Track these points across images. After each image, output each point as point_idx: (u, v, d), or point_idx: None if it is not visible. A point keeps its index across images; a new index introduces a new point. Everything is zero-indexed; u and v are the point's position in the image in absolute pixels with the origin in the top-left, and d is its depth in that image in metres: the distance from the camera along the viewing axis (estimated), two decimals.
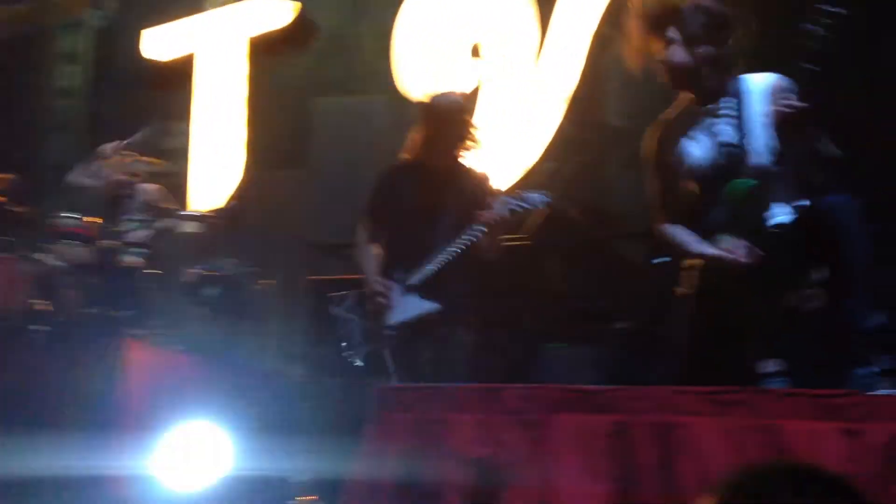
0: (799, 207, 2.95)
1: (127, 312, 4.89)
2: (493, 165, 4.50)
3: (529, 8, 5.94)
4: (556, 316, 4.64)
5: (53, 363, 4.36)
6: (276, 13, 6.79)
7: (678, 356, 3.12)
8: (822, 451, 2.42)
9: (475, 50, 6.04)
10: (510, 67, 5.87)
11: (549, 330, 4.54)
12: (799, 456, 2.40)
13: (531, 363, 4.40)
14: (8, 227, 5.02)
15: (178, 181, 6.65)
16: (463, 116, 3.91)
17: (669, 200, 3.16)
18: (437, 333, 3.62)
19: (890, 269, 4.07)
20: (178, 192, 6.46)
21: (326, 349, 5.14)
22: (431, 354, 3.63)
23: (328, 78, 6.74)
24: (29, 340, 4.61)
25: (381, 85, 6.48)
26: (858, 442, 2.44)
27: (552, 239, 4.78)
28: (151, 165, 5.43)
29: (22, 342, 4.62)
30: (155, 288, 5.16)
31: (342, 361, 5.05)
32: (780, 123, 2.82)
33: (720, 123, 3.08)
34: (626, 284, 4.64)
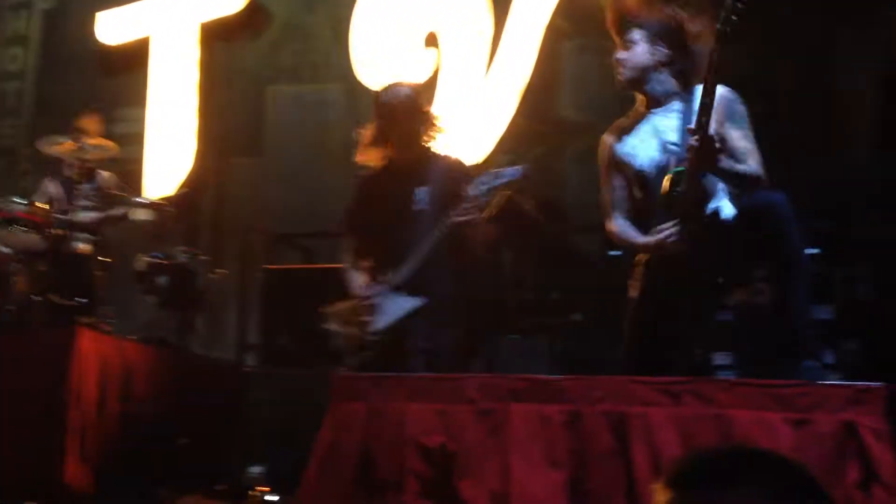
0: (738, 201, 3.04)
1: (77, 300, 4.82)
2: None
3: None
4: (510, 307, 4.67)
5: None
6: None
7: (628, 348, 3.17)
8: (770, 440, 2.48)
9: (430, 39, 6.04)
10: (464, 58, 5.88)
11: (503, 321, 4.57)
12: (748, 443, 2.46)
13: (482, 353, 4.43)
14: None
15: (132, 167, 6.57)
16: (416, 106, 3.83)
17: (619, 200, 3.25)
18: (423, 330, 3.55)
19: (834, 266, 4.20)
20: (131, 178, 6.38)
21: (280, 339, 5.13)
22: (420, 351, 3.54)
23: (283, 66, 6.70)
24: None
25: (336, 74, 6.46)
26: (806, 431, 2.51)
27: (506, 231, 4.80)
28: (104, 150, 5.34)
29: None
30: (105, 275, 5.10)
31: (296, 352, 5.04)
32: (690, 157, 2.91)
33: (666, 124, 3.17)
34: (579, 277, 4.68)
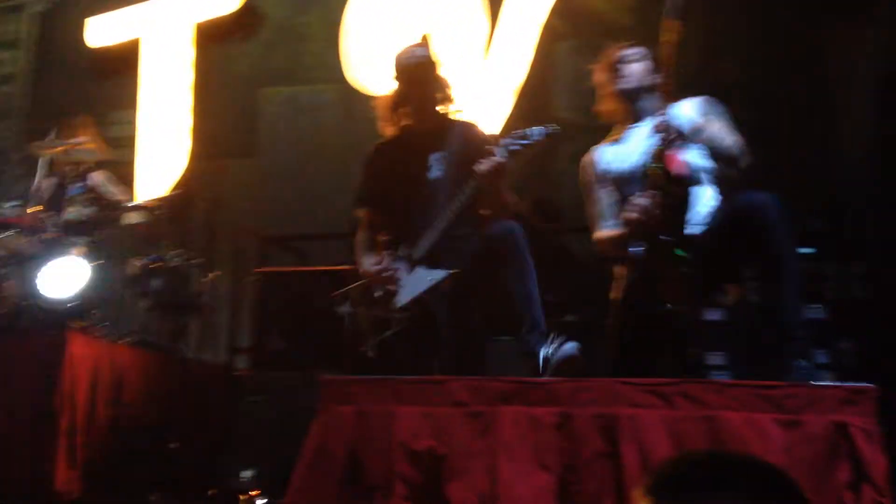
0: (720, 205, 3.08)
1: (69, 303, 4.80)
2: None
3: None
4: (503, 309, 4.64)
5: None
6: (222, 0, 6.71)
7: (612, 352, 3.19)
8: (761, 441, 2.46)
9: (423, 40, 6.00)
10: (459, 59, 5.86)
11: (496, 323, 4.54)
12: (738, 446, 2.44)
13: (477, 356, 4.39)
14: None
15: (125, 170, 6.55)
16: (433, 69, 3.63)
17: (607, 207, 3.36)
18: (452, 300, 3.32)
19: (828, 265, 4.18)
20: (124, 181, 6.37)
21: (272, 342, 5.10)
22: (450, 325, 3.32)
23: (276, 68, 6.69)
24: None
25: (329, 75, 6.45)
26: (797, 432, 2.49)
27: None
28: (97, 153, 5.33)
29: None
30: (99, 279, 5.07)
31: (289, 355, 5.02)
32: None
33: (646, 133, 3.24)
34: (574, 278, 4.66)
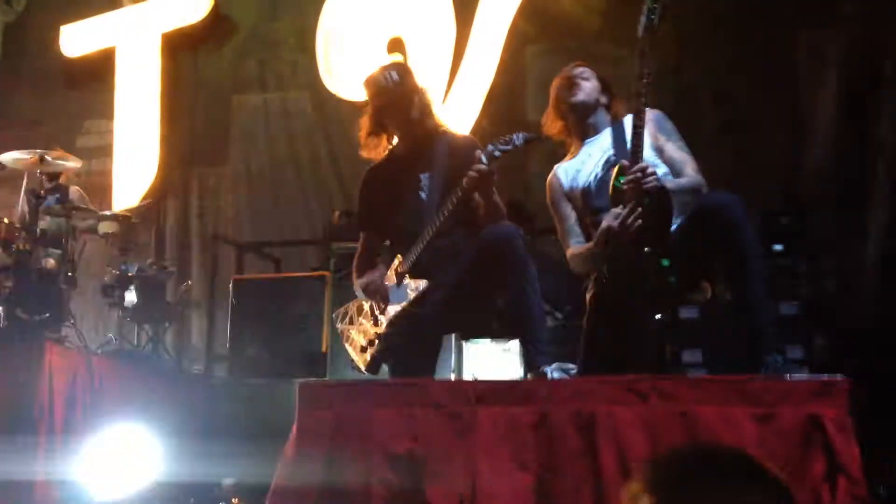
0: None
1: (44, 315, 4.76)
2: None
3: (448, 3, 5.97)
4: (478, 311, 4.66)
5: None
6: (188, 9, 6.69)
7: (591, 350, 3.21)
8: (735, 435, 2.49)
9: (393, 44, 6.04)
10: (428, 62, 5.89)
11: (475, 325, 4.55)
12: (713, 440, 2.47)
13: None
14: None
15: (100, 180, 6.53)
16: (408, 88, 3.57)
17: (572, 227, 3.36)
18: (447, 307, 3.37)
19: (798, 262, 4.25)
20: (100, 190, 6.35)
21: (250, 349, 5.09)
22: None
23: (248, 75, 6.69)
24: None
25: (301, 82, 6.45)
26: (771, 426, 2.52)
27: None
28: (68, 164, 5.29)
29: None
30: (72, 289, 5.05)
31: (266, 361, 5.01)
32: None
33: (601, 145, 3.31)
34: (547, 280, 4.68)
